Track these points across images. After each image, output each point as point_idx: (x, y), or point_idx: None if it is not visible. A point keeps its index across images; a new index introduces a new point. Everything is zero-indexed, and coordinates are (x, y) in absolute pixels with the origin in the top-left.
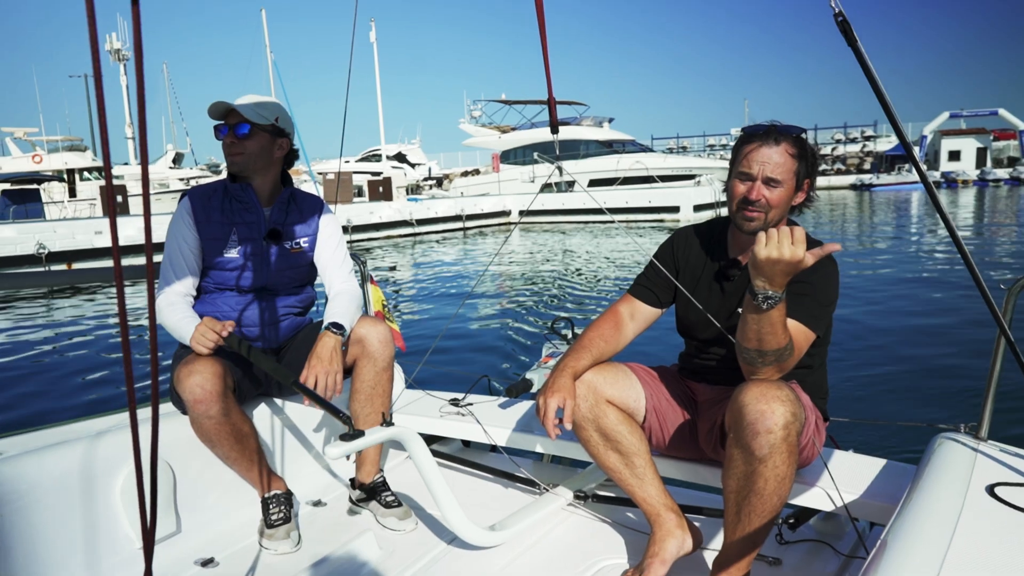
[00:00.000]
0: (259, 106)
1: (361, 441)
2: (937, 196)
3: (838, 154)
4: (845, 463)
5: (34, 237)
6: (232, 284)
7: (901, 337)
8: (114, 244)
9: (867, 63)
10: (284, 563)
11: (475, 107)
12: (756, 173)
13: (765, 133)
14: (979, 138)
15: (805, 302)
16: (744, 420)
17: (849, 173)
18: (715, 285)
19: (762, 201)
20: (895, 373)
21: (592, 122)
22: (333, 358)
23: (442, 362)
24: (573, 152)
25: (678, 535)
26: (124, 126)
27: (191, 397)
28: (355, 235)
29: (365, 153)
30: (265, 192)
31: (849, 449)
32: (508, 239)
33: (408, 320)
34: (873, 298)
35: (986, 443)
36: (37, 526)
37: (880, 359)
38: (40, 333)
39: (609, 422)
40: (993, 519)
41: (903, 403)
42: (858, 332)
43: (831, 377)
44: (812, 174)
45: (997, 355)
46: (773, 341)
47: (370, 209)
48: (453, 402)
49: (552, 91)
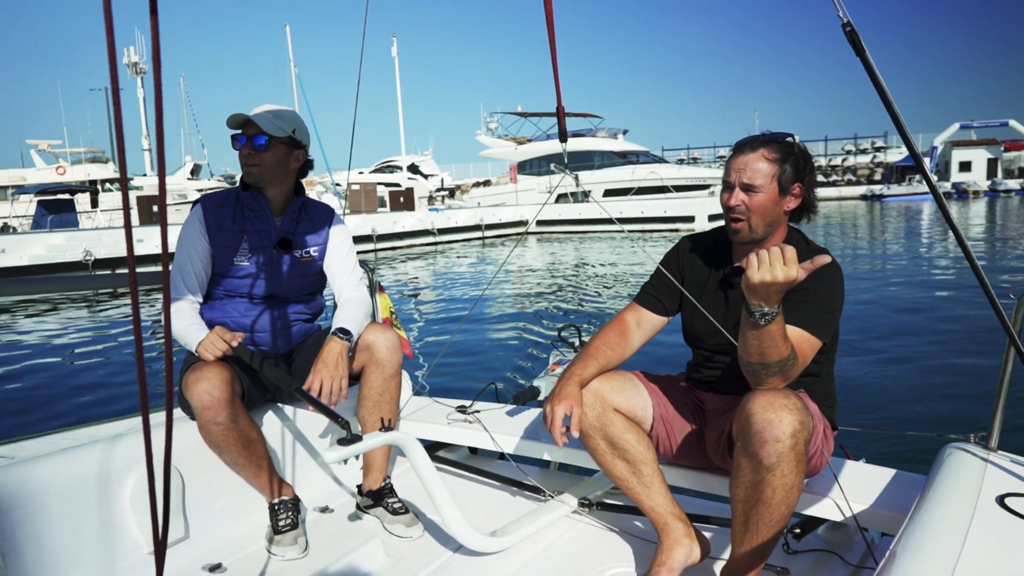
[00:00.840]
0: (277, 117)
1: (359, 445)
2: (945, 204)
3: (848, 165)
4: (854, 473)
5: (81, 245)
6: (242, 291)
7: (910, 346)
8: (129, 252)
9: (875, 73)
10: (291, 569)
11: (491, 119)
12: (734, 180)
13: (746, 143)
14: (990, 149)
15: (808, 309)
16: (752, 429)
17: (860, 184)
18: (720, 293)
19: (741, 207)
20: (905, 382)
21: (607, 134)
22: (339, 363)
23: (450, 370)
24: (588, 163)
25: (686, 544)
26: (141, 138)
27: (199, 403)
28: (380, 244)
29: (379, 164)
30: (278, 202)
31: (860, 459)
32: (514, 250)
33: (423, 327)
34: (882, 307)
35: (996, 453)
36: (47, 530)
37: (889, 368)
38: (57, 339)
39: (616, 430)
40: (1003, 530)
41: (912, 413)
42: (867, 340)
43: (839, 386)
44: (802, 178)
45: (1007, 365)
46: (775, 353)
47: (393, 219)
48: (460, 409)
49: (561, 100)
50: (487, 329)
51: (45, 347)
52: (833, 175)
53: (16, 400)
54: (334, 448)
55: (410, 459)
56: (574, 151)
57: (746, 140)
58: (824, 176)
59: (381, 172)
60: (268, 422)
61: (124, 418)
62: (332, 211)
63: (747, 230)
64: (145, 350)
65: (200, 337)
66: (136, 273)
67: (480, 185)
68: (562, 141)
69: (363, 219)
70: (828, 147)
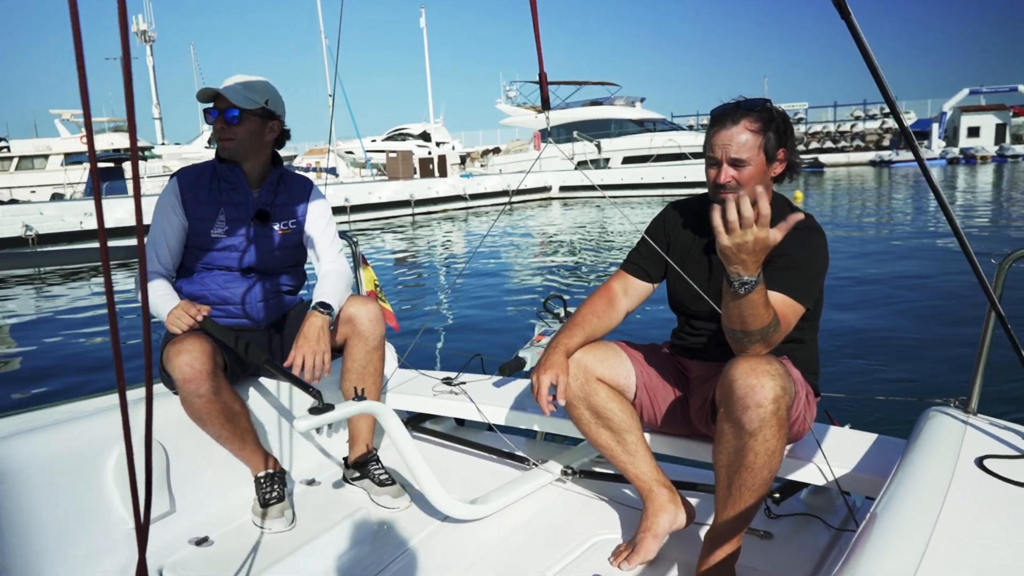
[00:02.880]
0: (248, 89)
1: (330, 415)
2: (928, 169)
3: (857, 131)
4: (836, 438)
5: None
6: (221, 264)
7: (893, 311)
8: (100, 225)
9: (861, 37)
10: (279, 541)
11: (511, 88)
12: (720, 157)
13: (724, 114)
14: (998, 114)
15: (789, 275)
16: (734, 394)
17: (868, 150)
18: (704, 259)
19: (732, 183)
20: (887, 348)
21: (624, 102)
22: (320, 338)
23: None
24: (606, 131)
25: (671, 510)
26: (151, 106)
27: (181, 376)
28: (417, 208)
29: (391, 131)
30: (255, 174)
31: (845, 425)
32: (498, 219)
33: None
34: (871, 273)
35: (976, 416)
36: (29, 508)
37: (872, 333)
38: (32, 316)
39: (599, 399)
40: (982, 491)
41: (894, 377)
42: (851, 306)
43: (823, 353)
44: (785, 142)
45: (987, 329)
46: (756, 322)
47: (428, 184)
48: (446, 381)
49: (544, 68)
50: (479, 299)
51: (24, 323)
52: (842, 141)
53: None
54: (304, 417)
55: (385, 427)
56: (592, 119)
57: (723, 111)
58: (833, 142)
59: (393, 140)
60: (252, 395)
61: (106, 394)
62: (311, 183)
63: None
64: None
65: (170, 308)
66: (108, 247)
67: (490, 153)
68: (544, 109)
69: (400, 185)
70: (837, 113)
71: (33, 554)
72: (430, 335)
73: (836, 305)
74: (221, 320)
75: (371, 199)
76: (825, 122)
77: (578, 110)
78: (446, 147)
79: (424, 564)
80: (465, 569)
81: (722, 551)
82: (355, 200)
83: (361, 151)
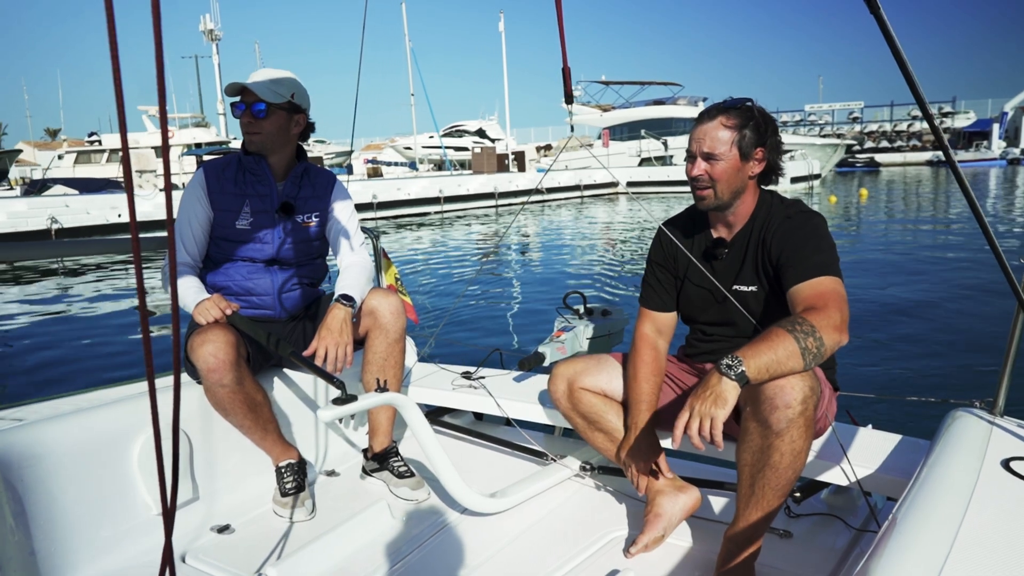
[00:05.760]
0: (274, 83)
1: (353, 405)
2: (959, 169)
3: (914, 130)
4: (859, 437)
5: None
6: (244, 256)
7: (920, 311)
8: (132, 217)
9: (890, 32)
10: (299, 531)
11: (577, 87)
12: (695, 150)
13: (705, 111)
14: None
15: (811, 255)
16: (762, 394)
17: (925, 150)
18: (706, 265)
19: (704, 176)
20: (912, 348)
21: (687, 102)
22: (343, 330)
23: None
24: (668, 130)
25: (669, 492)
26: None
27: (205, 366)
28: (501, 200)
29: (448, 128)
30: (280, 167)
31: (866, 425)
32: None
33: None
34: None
35: (1002, 418)
36: (55, 492)
37: (897, 334)
38: (63, 304)
39: (585, 405)
40: (1008, 493)
41: (919, 378)
42: (877, 307)
43: (847, 351)
44: (764, 141)
45: (1015, 330)
46: (793, 362)
47: (509, 179)
48: (465, 375)
49: (567, 63)
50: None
51: (55, 312)
52: (898, 140)
53: (28, 364)
54: (328, 407)
55: (406, 419)
56: (655, 118)
57: (707, 109)
58: (889, 142)
59: (450, 136)
60: (275, 386)
61: (130, 382)
62: (334, 177)
63: (712, 197)
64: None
65: (199, 300)
66: (139, 238)
67: (543, 150)
68: (567, 103)
69: (486, 179)
70: (894, 112)
71: (61, 536)
72: (450, 327)
73: (865, 302)
74: (244, 311)
75: (460, 191)
76: (881, 121)
77: (641, 109)
78: (500, 144)
79: (442, 556)
80: (483, 562)
81: (742, 551)
82: (447, 192)
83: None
